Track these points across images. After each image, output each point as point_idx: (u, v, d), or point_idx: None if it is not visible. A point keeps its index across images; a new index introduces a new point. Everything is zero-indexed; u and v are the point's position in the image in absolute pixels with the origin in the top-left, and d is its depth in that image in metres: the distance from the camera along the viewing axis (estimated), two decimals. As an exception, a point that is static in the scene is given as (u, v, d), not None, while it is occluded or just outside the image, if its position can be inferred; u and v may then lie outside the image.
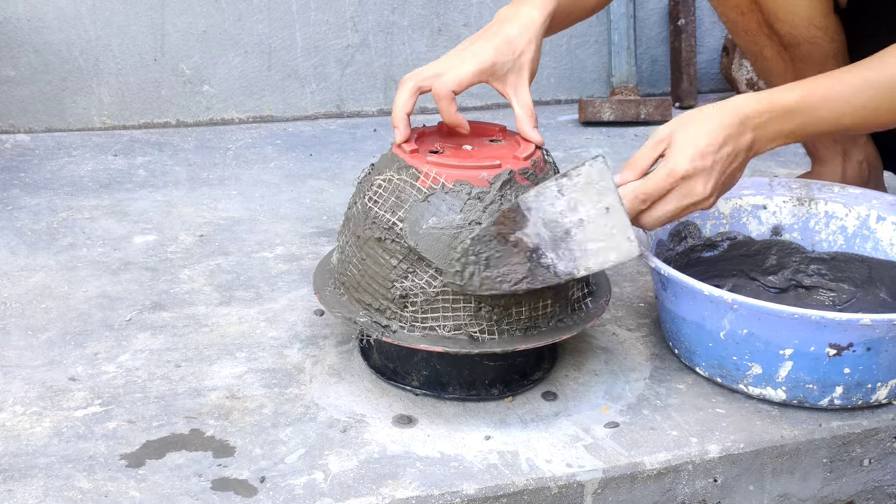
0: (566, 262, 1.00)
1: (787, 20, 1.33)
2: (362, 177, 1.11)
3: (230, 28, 1.99)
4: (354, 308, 1.07)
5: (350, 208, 1.11)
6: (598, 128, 2.08)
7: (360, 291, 1.06)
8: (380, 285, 1.04)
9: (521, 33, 1.10)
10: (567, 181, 0.98)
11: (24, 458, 0.98)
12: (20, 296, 1.30)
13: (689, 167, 1.01)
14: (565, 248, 0.99)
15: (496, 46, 1.09)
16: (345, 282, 1.09)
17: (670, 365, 1.17)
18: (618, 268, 1.42)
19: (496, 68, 1.08)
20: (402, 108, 1.07)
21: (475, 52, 1.08)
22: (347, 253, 1.09)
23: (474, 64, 1.07)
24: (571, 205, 0.98)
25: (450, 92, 1.07)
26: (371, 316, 1.05)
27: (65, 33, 1.91)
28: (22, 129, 1.94)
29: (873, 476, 1.10)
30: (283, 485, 0.95)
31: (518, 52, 1.09)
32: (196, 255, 1.44)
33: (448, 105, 1.07)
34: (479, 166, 1.03)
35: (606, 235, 0.99)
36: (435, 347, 1.02)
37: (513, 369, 1.12)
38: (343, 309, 1.07)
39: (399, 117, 1.07)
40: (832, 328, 1.01)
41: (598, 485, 0.99)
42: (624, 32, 2.16)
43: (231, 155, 1.86)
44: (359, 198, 1.08)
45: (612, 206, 0.99)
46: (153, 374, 1.13)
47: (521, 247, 0.99)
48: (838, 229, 1.30)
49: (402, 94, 1.07)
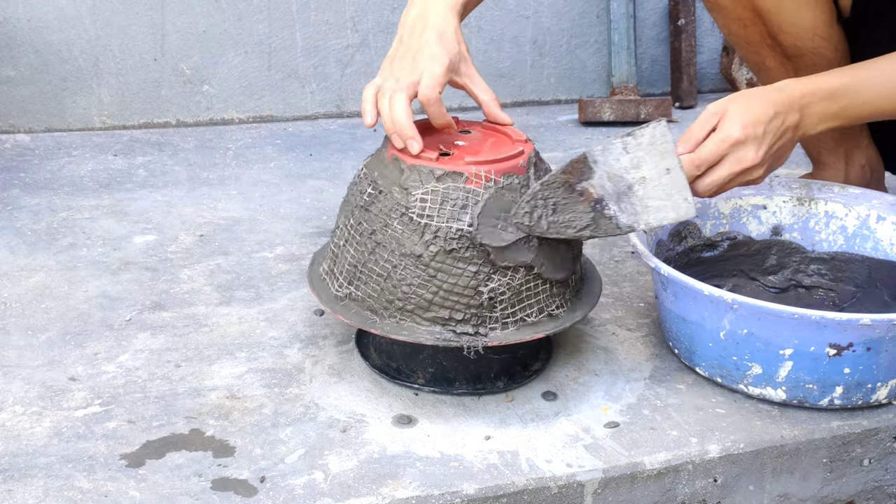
0: (628, 216, 1.04)
1: (791, 32, 1.33)
2: (365, 200, 1.06)
3: (230, 28, 1.99)
4: (422, 328, 1.03)
5: (371, 234, 1.04)
6: (598, 128, 2.08)
7: (431, 310, 1.02)
8: (460, 296, 1.02)
9: (446, 21, 1.09)
10: (632, 140, 1.03)
11: (24, 458, 0.98)
12: (20, 296, 1.30)
13: (741, 133, 1.06)
14: (627, 203, 1.04)
15: (439, 43, 1.08)
16: (402, 307, 1.03)
17: (670, 365, 1.17)
18: (618, 267, 1.42)
19: (452, 63, 1.08)
20: (409, 121, 1.04)
21: (430, 54, 1.07)
22: (399, 277, 1.03)
23: (440, 63, 1.07)
24: (635, 162, 1.03)
25: (437, 96, 1.06)
26: (454, 328, 1.03)
27: (65, 33, 1.91)
28: (22, 129, 1.94)
29: (873, 476, 1.10)
30: (283, 485, 0.95)
31: (455, 40, 1.09)
32: (196, 255, 1.44)
33: (439, 108, 1.08)
34: (513, 155, 1.05)
35: (666, 195, 1.03)
36: (537, 335, 1.05)
37: (515, 361, 1.12)
38: (412, 333, 1.03)
39: (410, 129, 1.03)
40: (832, 328, 1.01)
41: (598, 485, 0.99)
42: (624, 32, 2.16)
43: (231, 155, 1.86)
44: (388, 219, 1.03)
45: (673, 168, 1.03)
46: (153, 374, 1.13)
47: (587, 196, 1.03)
48: (838, 229, 1.30)
49: (399, 106, 1.04)
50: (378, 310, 1.05)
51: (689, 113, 2.17)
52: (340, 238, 1.09)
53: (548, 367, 1.16)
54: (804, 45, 1.34)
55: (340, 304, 1.07)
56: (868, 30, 1.33)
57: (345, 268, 1.07)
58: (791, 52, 1.36)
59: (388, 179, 1.05)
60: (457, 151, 1.07)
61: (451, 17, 1.10)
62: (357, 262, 1.06)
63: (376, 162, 1.09)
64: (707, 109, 1.10)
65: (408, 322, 1.04)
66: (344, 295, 1.07)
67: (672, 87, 2.25)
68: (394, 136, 1.05)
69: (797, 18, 1.32)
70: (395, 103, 1.04)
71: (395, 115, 1.04)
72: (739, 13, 1.37)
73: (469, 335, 1.03)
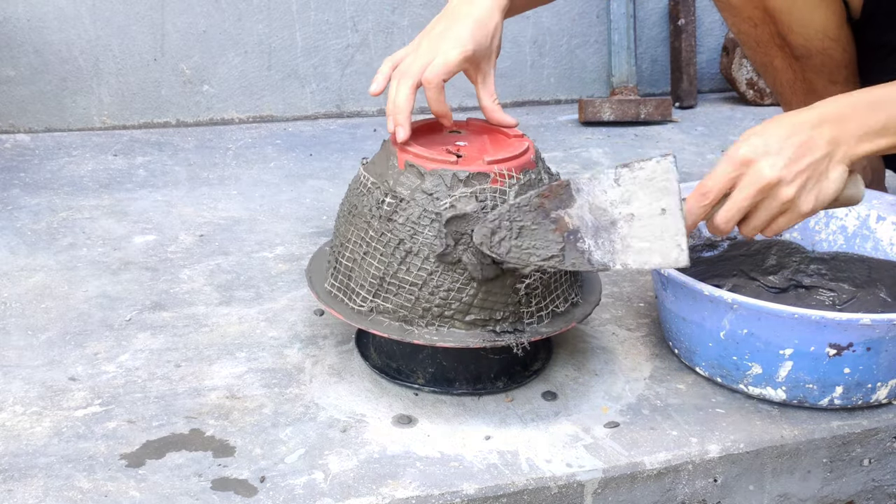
0: (603, 253, 0.96)
1: (801, 32, 1.33)
2: (385, 210, 1.03)
3: (230, 28, 1.99)
4: (464, 332, 1.03)
5: (398, 244, 1.02)
6: (598, 128, 2.08)
7: (471, 313, 1.02)
8: (499, 295, 1.01)
9: (490, 14, 1.08)
10: (627, 172, 0.94)
11: (24, 458, 0.98)
12: (20, 296, 1.30)
13: (749, 151, 0.96)
14: (606, 239, 0.95)
15: (472, 31, 1.07)
16: (441, 314, 1.02)
17: (670, 365, 1.17)
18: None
19: (475, 55, 1.07)
20: (407, 107, 1.05)
21: (456, 37, 1.06)
22: (436, 284, 1.01)
23: (459, 52, 1.06)
24: (625, 197, 0.94)
25: (440, 82, 1.06)
26: (494, 328, 1.03)
27: (65, 33, 1.91)
28: (22, 129, 1.94)
29: (873, 476, 1.10)
30: (283, 485, 0.95)
31: (490, 35, 1.08)
32: (196, 255, 1.44)
33: (438, 94, 1.06)
34: (525, 150, 1.04)
35: (655, 237, 0.94)
36: (569, 325, 1.05)
37: (515, 361, 1.12)
38: (459, 339, 1.02)
39: (405, 116, 1.05)
40: (832, 328, 1.01)
41: (598, 485, 0.99)
42: (624, 32, 2.16)
43: (231, 155, 1.86)
44: (417, 227, 1.01)
45: (670, 209, 0.93)
46: (153, 374, 1.13)
47: (561, 225, 0.96)
48: (838, 229, 1.30)
49: (403, 91, 1.05)
50: (413, 319, 1.03)
51: (689, 113, 2.17)
52: (356, 252, 1.05)
53: (548, 367, 1.16)
54: (813, 45, 1.33)
55: (368, 319, 1.05)
56: (878, 32, 1.33)
57: (367, 281, 1.04)
58: (800, 53, 1.35)
59: (408, 186, 1.02)
60: (466, 153, 1.06)
61: (495, 11, 1.09)
62: (384, 273, 1.03)
63: (385, 170, 1.05)
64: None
65: (447, 328, 1.03)
66: (369, 309, 1.05)
67: (672, 86, 2.25)
68: (389, 118, 1.06)
69: (808, 19, 1.31)
70: (400, 87, 1.05)
71: (397, 100, 1.05)
72: (750, 12, 1.36)
73: (509, 333, 1.03)
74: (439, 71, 1.05)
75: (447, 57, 1.05)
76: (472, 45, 1.06)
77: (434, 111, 1.09)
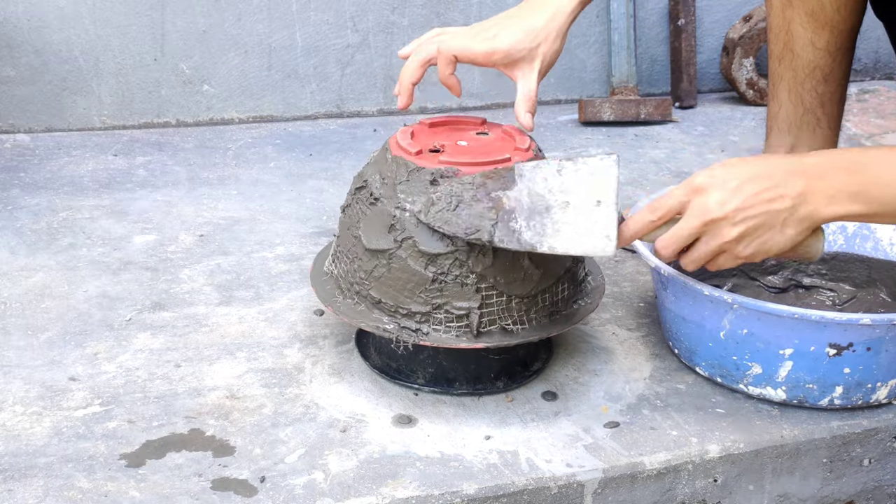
0: (533, 234, 0.97)
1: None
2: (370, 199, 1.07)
3: (230, 28, 1.99)
4: (375, 317, 1.06)
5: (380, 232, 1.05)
6: (598, 127, 2.08)
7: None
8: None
9: (546, 24, 1.10)
10: (570, 165, 0.96)
11: (24, 458, 0.98)
12: (20, 296, 1.30)
13: (704, 181, 0.92)
14: (538, 221, 0.97)
15: (516, 35, 1.09)
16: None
17: (670, 365, 1.17)
18: (618, 267, 1.42)
19: (509, 55, 1.09)
20: (408, 79, 1.11)
21: (496, 35, 1.09)
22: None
23: (489, 46, 1.09)
24: (564, 188, 0.96)
25: (451, 55, 1.09)
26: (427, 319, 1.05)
27: (65, 33, 1.90)
28: (22, 129, 1.93)
29: (873, 476, 1.10)
30: (283, 485, 0.95)
31: (536, 43, 1.10)
32: (196, 255, 1.44)
33: (445, 66, 1.10)
34: (491, 161, 1.04)
35: (587, 226, 0.95)
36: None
37: (515, 361, 1.12)
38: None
39: (404, 86, 1.10)
40: (832, 328, 1.01)
41: (598, 485, 0.99)
42: (624, 32, 2.15)
43: (231, 155, 1.86)
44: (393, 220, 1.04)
45: (605, 202, 0.94)
46: (153, 374, 1.13)
47: (498, 204, 0.98)
48: (838, 229, 1.30)
49: (412, 63, 1.10)
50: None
51: (689, 113, 2.17)
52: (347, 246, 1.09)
53: (548, 367, 1.16)
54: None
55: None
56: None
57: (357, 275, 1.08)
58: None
59: (389, 179, 1.05)
60: (452, 150, 1.08)
61: (558, 16, 1.11)
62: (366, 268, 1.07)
63: (383, 157, 1.08)
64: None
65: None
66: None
67: (672, 86, 2.25)
68: (397, 84, 1.13)
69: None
70: (412, 58, 1.11)
71: (405, 69, 1.11)
72: None
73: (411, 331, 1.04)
74: (453, 47, 1.08)
75: (472, 44, 1.09)
76: (506, 48, 1.09)
77: (441, 81, 1.12)
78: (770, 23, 1.40)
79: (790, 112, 1.40)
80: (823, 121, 1.40)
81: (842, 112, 1.42)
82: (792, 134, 1.41)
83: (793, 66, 1.38)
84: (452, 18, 2.09)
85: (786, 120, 1.41)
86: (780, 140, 1.43)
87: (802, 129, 1.40)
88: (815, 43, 1.35)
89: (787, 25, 1.36)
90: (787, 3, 1.35)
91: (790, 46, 1.37)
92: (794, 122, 1.40)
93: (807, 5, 1.33)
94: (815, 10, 1.32)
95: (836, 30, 1.33)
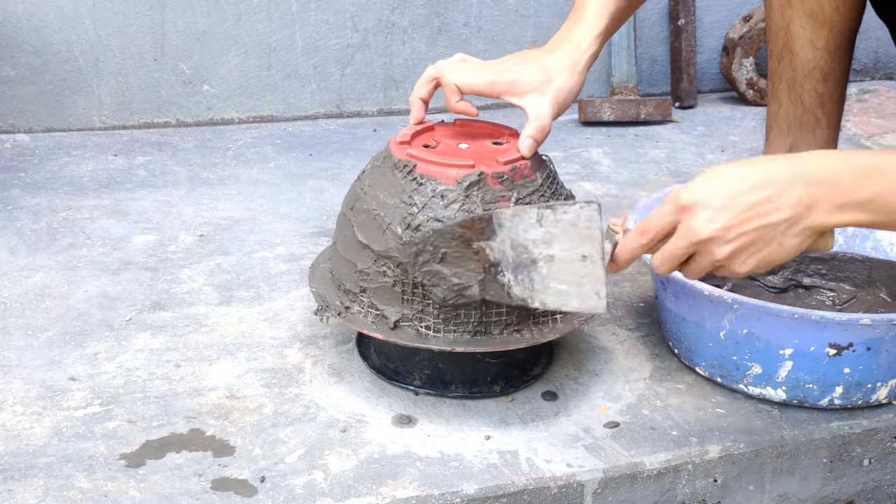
0: (522, 288, 0.96)
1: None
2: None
3: (230, 28, 1.99)
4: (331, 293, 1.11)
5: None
6: (598, 127, 2.08)
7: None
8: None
9: (562, 60, 1.10)
10: (550, 214, 0.92)
11: (24, 458, 0.98)
12: (20, 296, 1.30)
13: (690, 198, 0.87)
14: (526, 276, 0.95)
15: (527, 69, 1.09)
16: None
17: (670, 365, 1.17)
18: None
19: (515, 85, 1.09)
20: (416, 93, 1.13)
21: (506, 69, 1.10)
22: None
23: (490, 75, 1.09)
24: (546, 238, 0.93)
25: (453, 84, 1.10)
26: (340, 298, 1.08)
27: (65, 33, 1.90)
28: (22, 129, 1.93)
29: (873, 476, 1.10)
30: (283, 485, 0.95)
31: (548, 77, 1.09)
32: (196, 255, 1.44)
33: (450, 95, 1.11)
34: (450, 164, 1.03)
35: (575, 282, 0.93)
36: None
37: (513, 365, 1.12)
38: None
39: (412, 100, 1.13)
40: (832, 328, 1.01)
41: (598, 485, 0.99)
42: (624, 32, 2.15)
43: (231, 155, 1.86)
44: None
45: (591, 257, 0.91)
46: (153, 374, 1.13)
47: (482, 256, 0.97)
48: (838, 229, 1.29)
49: (420, 80, 1.13)
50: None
51: (689, 113, 2.17)
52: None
53: (547, 369, 1.16)
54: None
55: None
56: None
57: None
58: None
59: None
60: (441, 149, 1.09)
61: (574, 53, 1.11)
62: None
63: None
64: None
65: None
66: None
67: (672, 86, 2.25)
68: None
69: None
70: (420, 80, 1.13)
71: (416, 86, 1.14)
72: None
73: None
74: (455, 77, 1.10)
75: (473, 73, 1.10)
76: (510, 78, 1.09)
77: (451, 110, 1.13)
78: (769, 22, 1.40)
79: (790, 112, 1.40)
80: (823, 121, 1.40)
81: (841, 112, 1.42)
82: (792, 134, 1.41)
83: (792, 66, 1.38)
84: (452, 18, 2.09)
85: (785, 120, 1.41)
86: (780, 140, 1.43)
87: (802, 128, 1.40)
88: (815, 42, 1.35)
89: (787, 25, 1.36)
90: (786, 2, 1.35)
91: (789, 46, 1.37)
92: (793, 121, 1.40)
93: (806, 5, 1.33)
94: (814, 9, 1.32)
95: (835, 29, 1.33)
